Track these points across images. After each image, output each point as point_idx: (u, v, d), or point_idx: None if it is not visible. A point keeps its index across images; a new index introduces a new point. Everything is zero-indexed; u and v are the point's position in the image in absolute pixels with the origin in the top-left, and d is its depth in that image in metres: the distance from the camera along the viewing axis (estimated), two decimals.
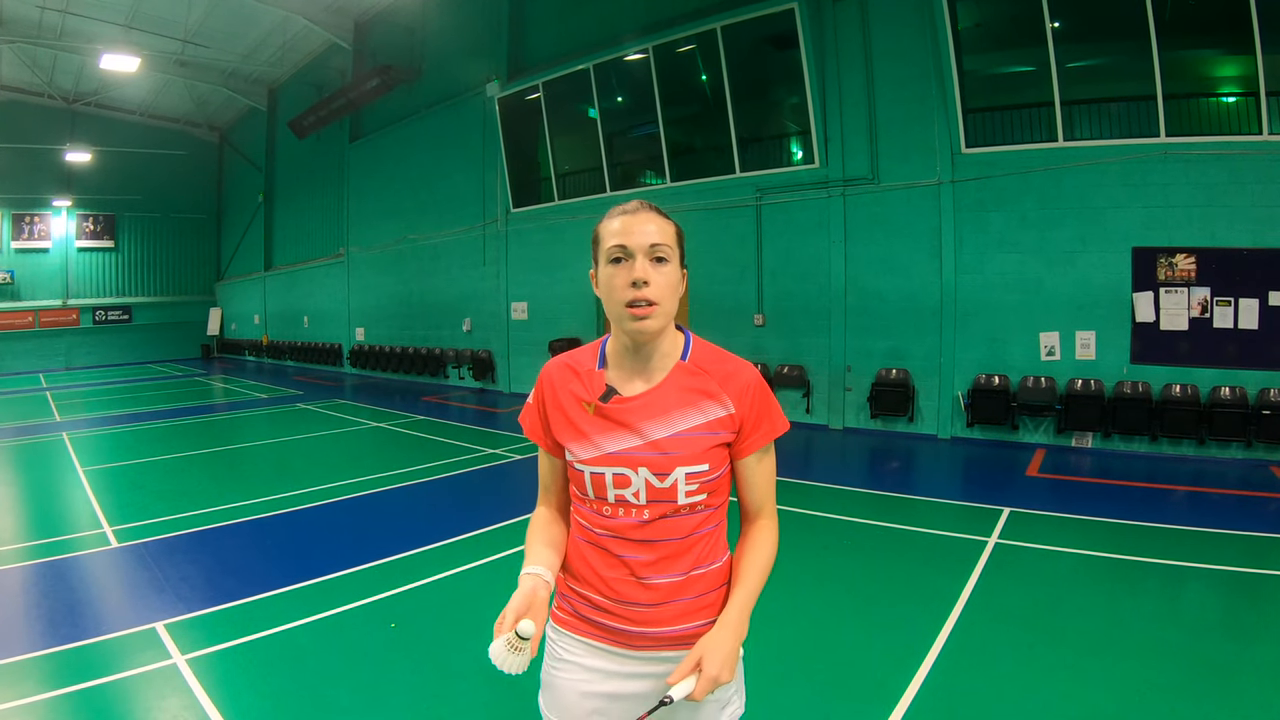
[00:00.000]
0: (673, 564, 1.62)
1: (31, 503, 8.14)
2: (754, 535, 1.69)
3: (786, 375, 12.34)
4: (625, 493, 1.60)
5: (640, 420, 1.61)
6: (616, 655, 1.67)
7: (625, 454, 1.60)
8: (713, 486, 1.63)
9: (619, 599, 1.63)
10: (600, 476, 1.61)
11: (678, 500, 1.60)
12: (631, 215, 1.59)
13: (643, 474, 1.59)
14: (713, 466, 1.61)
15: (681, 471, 1.58)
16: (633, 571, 1.62)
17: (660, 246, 1.57)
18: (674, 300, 1.61)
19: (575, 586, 1.72)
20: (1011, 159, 10.18)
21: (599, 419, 1.63)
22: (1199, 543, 5.93)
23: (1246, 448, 8.77)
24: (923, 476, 9.11)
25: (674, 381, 1.64)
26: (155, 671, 3.99)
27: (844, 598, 5.04)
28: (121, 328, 31.02)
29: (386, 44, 20.81)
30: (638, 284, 1.55)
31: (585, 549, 1.69)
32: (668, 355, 1.67)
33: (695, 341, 1.71)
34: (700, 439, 1.60)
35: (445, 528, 6.62)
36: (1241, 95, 8.82)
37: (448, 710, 3.62)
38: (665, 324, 1.61)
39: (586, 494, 1.66)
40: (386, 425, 13.03)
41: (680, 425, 1.60)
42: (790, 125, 12.56)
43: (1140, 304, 9.33)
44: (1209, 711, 3.46)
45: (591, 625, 1.68)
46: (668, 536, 1.61)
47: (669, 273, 1.59)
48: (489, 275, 18.07)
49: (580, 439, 1.64)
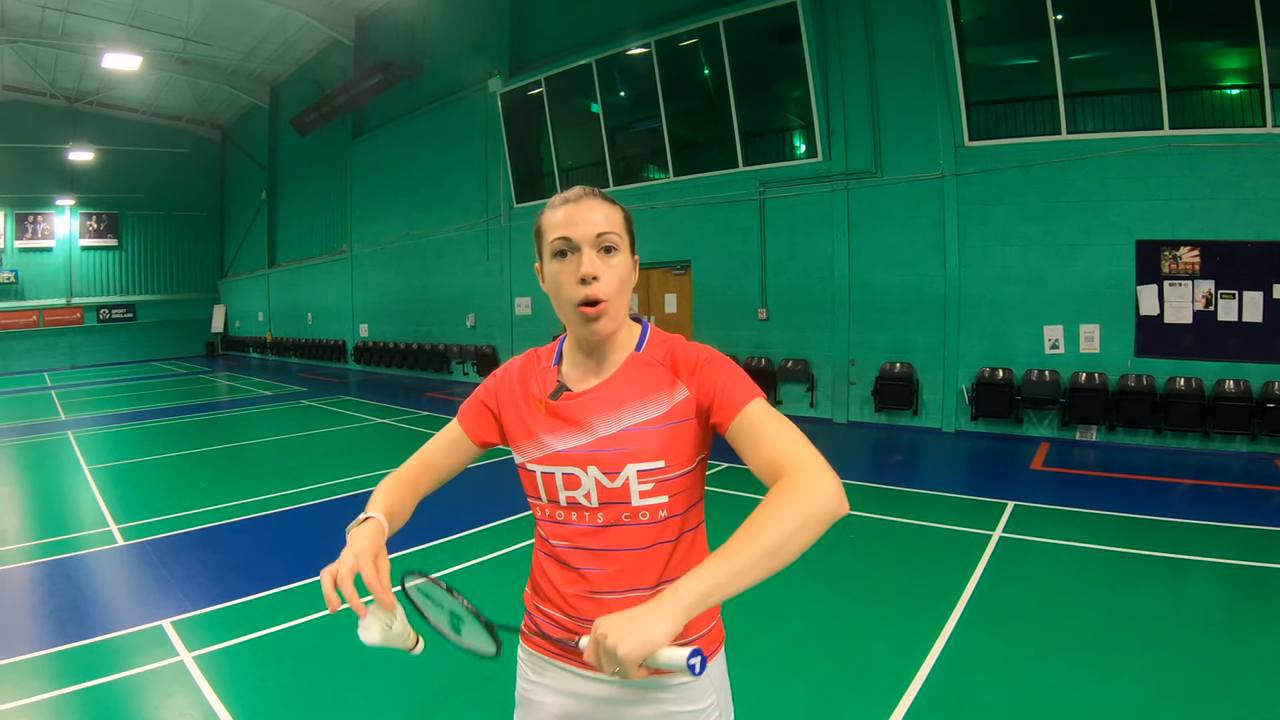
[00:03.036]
0: (634, 578, 1.49)
1: (38, 502, 8.17)
2: (769, 495, 1.31)
3: (790, 369, 12.34)
4: (576, 494, 1.50)
5: (589, 416, 1.50)
6: (584, 678, 1.56)
7: (573, 452, 1.49)
8: (675, 487, 1.49)
9: (579, 617, 1.51)
10: (550, 477, 1.52)
11: (631, 501, 1.47)
12: (575, 204, 1.48)
13: (592, 473, 1.48)
14: (670, 463, 1.47)
15: (633, 469, 1.46)
16: (592, 585, 1.50)
17: (608, 235, 1.46)
18: (626, 293, 1.51)
19: (539, 604, 1.62)
20: (1014, 152, 10.16)
21: (549, 417, 1.54)
22: (1203, 536, 5.92)
23: (1251, 441, 8.76)
24: (927, 470, 9.11)
25: (626, 374, 1.53)
26: (162, 669, 4.01)
27: (847, 592, 5.04)
28: (126, 326, 31.08)
29: (388, 40, 20.81)
30: (586, 280, 1.44)
31: (545, 562, 1.59)
32: (622, 348, 1.56)
33: (652, 332, 1.61)
34: (654, 433, 1.47)
35: (450, 523, 6.63)
36: (1245, 88, 8.79)
37: (457, 704, 3.63)
38: (620, 321, 1.52)
39: (540, 497, 1.56)
40: (391, 421, 13.06)
41: (630, 419, 1.48)
42: (793, 119, 12.54)
43: (1144, 297, 9.31)
44: (1214, 705, 3.46)
45: (556, 644, 1.57)
46: (625, 546, 1.48)
47: (619, 264, 1.48)
48: (492, 271, 18.09)
49: (529, 438, 1.56)
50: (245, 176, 30.98)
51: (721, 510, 2.74)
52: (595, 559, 1.50)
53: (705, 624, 1.55)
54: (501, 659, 1.42)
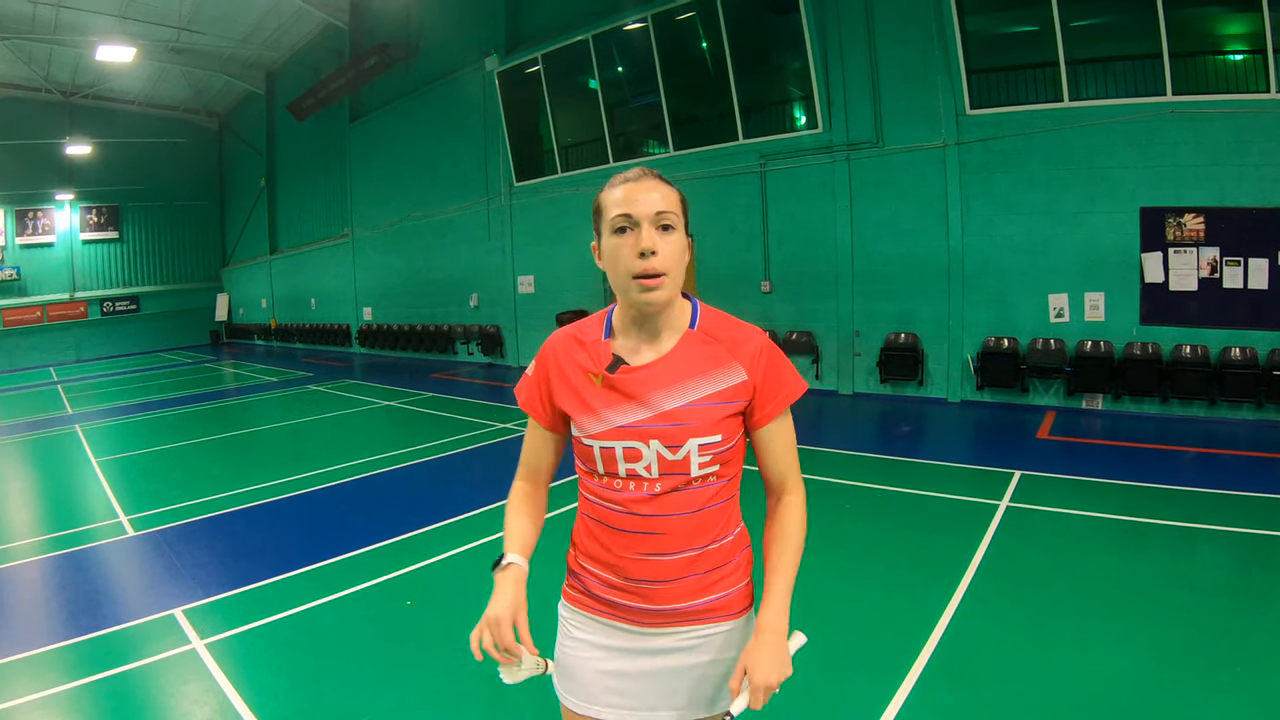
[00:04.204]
0: (685, 539, 1.57)
1: (48, 496, 8.23)
2: (781, 516, 1.63)
3: (795, 341, 12.32)
4: (637, 466, 1.56)
5: (649, 391, 1.56)
6: (629, 633, 1.64)
7: (635, 426, 1.55)
8: (726, 458, 1.58)
9: (629, 576, 1.60)
10: (610, 451, 1.57)
11: (690, 473, 1.55)
12: (635, 183, 1.54)
13: (654, 446, 1.54)
14: (725, 437, 1.56)
15: (694, 443, 1.53)
16: (643, 548, 1.57)
17: (666, 214, 1.52)
18: (681, 269, 1.56)
19: (585, 564, 1.68)
20: (1017, 120, 10.05)
21: (606, 391, 1.58)
22: (1210, 504, 5.91)
23: (1257, 409, 8.72)
24: (933, 440, 9.11)
25: (683, 350, 1.59)
26: (175, 657, 4.05)
27: (855, 563, 5.06)
28: (130, 318, 31.10)
29: (382, 23, 20.62)
30: (645, 254, 1.49)
31: (594, 526, 1.65)
32: (676, 324, 1.62)
33: (703, 309, 1.66)
34: (712, 409, 1.55)
35: (459, 503, 6.66)
36: (1249, 53, 8.65)
37: (469, 684, 3.66)
38: (674, 294, 1.56)
39: (596, 469, 1.61)
40: (397, 403, 13.09)
41: (691, 395, 1.55)
42: (793, 90, 12.42)
43: (1149, 264, 9.25)
44: (1220, 673, 3.47)
45: (603, 603, 1.65)
46: (679, 510, 1.56)
47: (675, 241, 1.53)
48: (494, 250, 18.05)
49: (587, 412, 1.59)
50: (244, 164, 30.85)
51: None
52: (648, 523, 1.58)
53: (739, 581, 1.69)
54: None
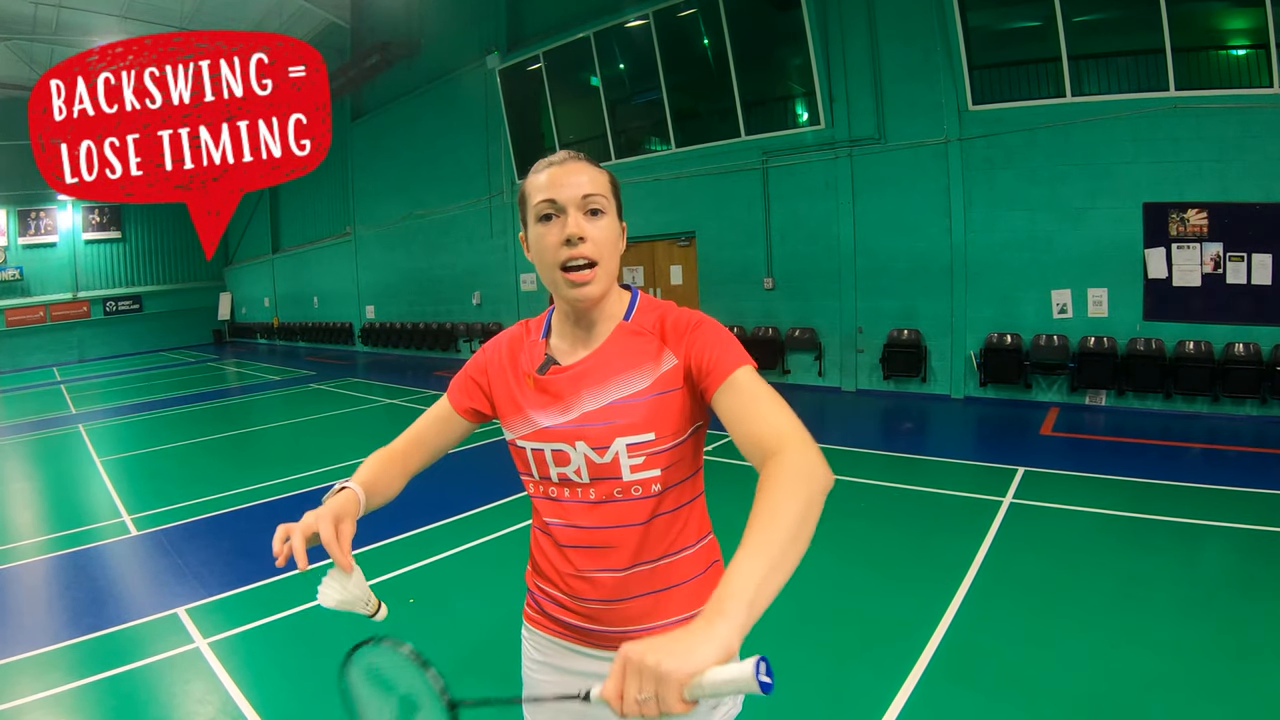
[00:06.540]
0: (635, 553, 1.44)
1: (51, 495, 8.25)
2: (765, 480, 1.16)
3: (798, 338, 12.31)
4: (567, 470, 1.44)
5: (577, 390, 1.45)
6: (587, 656, 1.53)
7: (561, 428, 1.44)
8: (667, 460, 1.42)
9: (577, 595, 1.49)
10: (540, 453, 1.47)
11: (622, 476, 1.41)
12: (560, 166, 1.44)
13: (581, 449, 1.42)
14: (660, 435, 1.40)
15: (621, 443, 1.39)
16: (590, 563, 1.45)
17: (594, 197, 1.41)
18: (614, 257, 1.46)
19: (539, 583, 1.58)
20: (1019, 115, 10.01)
21: (537, 393, 1.48)
22: (1214, 501, 5.89)
23: (1261, 405, 8.69)
24: (936, 437, 9.09)
25: (613, 345, 1.47)
26: (178, 656, 4.06)
27: (859, 560, 5.05)
28: (132, 317, 31.13)
29: (384, 21, 20.60)
30: (572, 241, 1.39)
31: (542, 540, 1.55)
32: (611, 317, 1.50)
33: (641, 299, 1.55)
34: (641, 404, 1.40)
35: (461, 502, 6.66)
36: (1252, 48, 8.60)
37: (475, 680, 3.65)
38: (608, 286, 1.45)
39: (531, 474, 1.51)
40: (400, 402, 13.09)
41: (618, 392, 1.42)
42: (795, 87, 12.39)
43: (1152, 260, 9.22)
44: (1225, 669, 3.46)
45: (556, 624, 1.56)
46: (624, 522, 1.43)
47: (606, 226, 1.43)
48: (497, 248, 18.05)
49: (518, 414, 1.50)
50: None
51: (724, 484, 2.75)
52: (591, 537, 1.45)
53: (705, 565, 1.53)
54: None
